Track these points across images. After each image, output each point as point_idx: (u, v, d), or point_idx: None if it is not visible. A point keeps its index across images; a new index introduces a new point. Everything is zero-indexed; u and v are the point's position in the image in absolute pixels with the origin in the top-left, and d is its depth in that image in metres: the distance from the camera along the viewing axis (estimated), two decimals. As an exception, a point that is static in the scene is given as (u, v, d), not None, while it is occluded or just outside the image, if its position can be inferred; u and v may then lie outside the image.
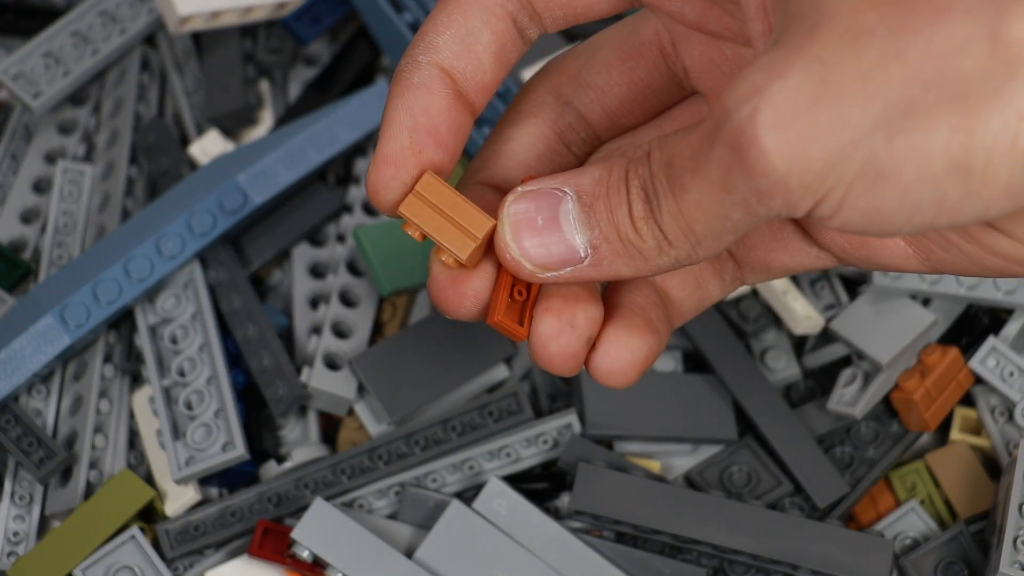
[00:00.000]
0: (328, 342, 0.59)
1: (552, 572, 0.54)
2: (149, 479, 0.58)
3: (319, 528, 0.54)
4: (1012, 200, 0.34)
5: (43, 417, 0.59)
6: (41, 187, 0.65)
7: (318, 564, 0.54)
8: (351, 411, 0.59)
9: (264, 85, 0.67)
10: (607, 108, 0.44)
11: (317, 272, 0.62)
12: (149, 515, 0.57)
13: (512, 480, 0.57)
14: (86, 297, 0.58)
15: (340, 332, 0.60)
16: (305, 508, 0.55)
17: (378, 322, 0.61)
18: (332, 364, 0.59)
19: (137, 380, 0.60)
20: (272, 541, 0.55)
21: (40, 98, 0.64)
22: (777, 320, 0.60)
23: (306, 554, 0.54)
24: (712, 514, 0.54)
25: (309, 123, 0.62)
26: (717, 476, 0.57)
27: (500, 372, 0.59)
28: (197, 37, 0.67)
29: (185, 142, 0.66)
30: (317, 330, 0.60)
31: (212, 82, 0.65)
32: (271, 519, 0.56)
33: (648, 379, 0.58)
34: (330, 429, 0.60)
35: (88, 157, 0.66)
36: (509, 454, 0.57)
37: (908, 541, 0.56)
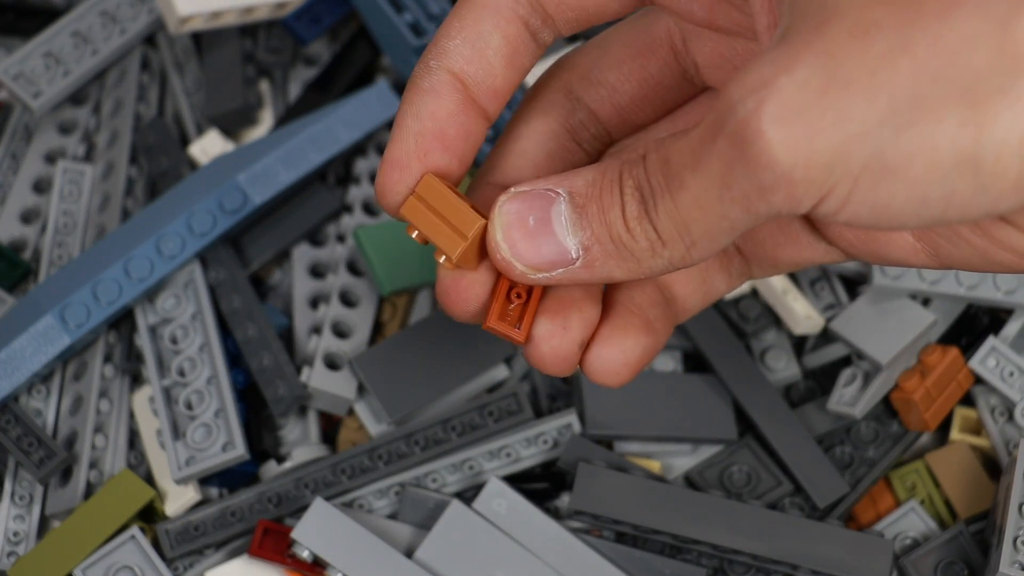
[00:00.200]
0: (328, 342, 0.59)
1: (552, 572, 0.54)
2: (149, 479, 0.58)
3: (319, 528, 0.54)
4: (1022, 194, 0.34)
5: (43, 417, 0.59)
6: (41, 187, 0.65)
7: (318, 564, 0.54)
8: (351, 411, 0.59)
9: (264, 85, 0.67)
10: (618, 105, 0.44)
11: (317, 272, 0.62)
12: (149, 515, 0.57)
13: (512, 480, 0.57)
14: (86, 297, 0.58)
15: (340, 332, 0.60)
16: (305, 508, 0.55)
17: (378, 322, 0.61)
18: (332, 364, 0.59)
19: (137, 380, 0.60)
20: (272, 541, 0.55)
21: (40, 98, 0.64)
22: (777, 320, 0.60)
23: (306, 554, 0.54)
24: (712, 514, 0.54)
25: (309, 123, 0.62)
26: (717, 476, 0.57)
27: (500, 372, 0.59)
28: (197, 37, 0.67)
29: (185, 142, 0.66)
30: (317, 330, 0.60)
31: (212, 82, 0.65)
32: (271, 519, 0.56)
33: (648, 379, 0.58)
34: (330, 429, 0.60)
35: (88, 157, 0.66)
36: (509, 454, 0.57)
37: (908, 541, 0.56)
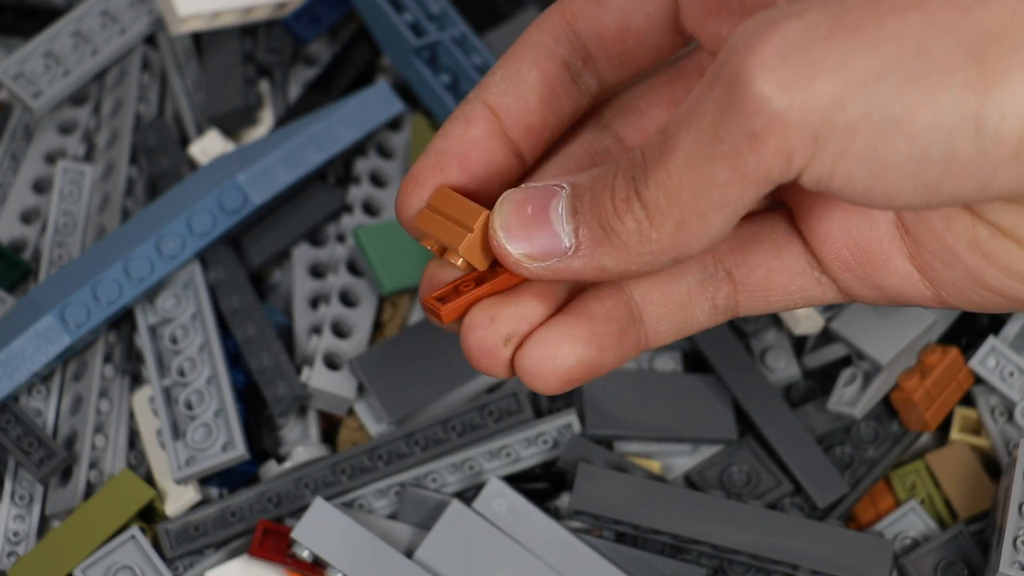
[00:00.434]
0: (328, 342, 0.59)
1: (552, 572, 0.54)
2: (149, 479, 0.58)
3: (319, 528, 0.54)
4: (1020, 166, 0.33)
5: (43, 417, 0.59)
6: (41, 187, 0.65)
7: (318, 564, 0.54)
8: (351, 411, 0.59)
9: (264, 85, 0.67)
10: (645, 129, 0.43)
11: (317, 272, 0.62)
12: (149, 515, 0.57)
13: (512, 480, 0.57)
14: (86, 297, 0.58)
15: (340, 332, 0.60)
16: (305, 508, 0.55)
17: (378, 322, 0.61)
18: (332, 364, 0.59)
19: (137, 380, 0.60)
20: (272, 541, 0.55)
21: (40, 98, 0.64)
22: (777, 320, 0.60)
23: (306, 554, 0.54)
24: (712, 514, 0.54)
25: (309, 123, 0.62)
26: (717, 476, 0.57)
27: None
28: (197, 37, 0.67)
29: (185, 142, 0.66)
30: (317, 330, 0.60)
31: (212, 82, 0.65)
32: (271, 519, 0.56)
33: (648, 379, 0.58)
34: (330, 429, 0.60)
35: (88, 157, 0.66)
36: (509, 454, 0.57)
37: (908, 541, 0.56)
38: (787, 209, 0.42)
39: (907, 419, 0.58)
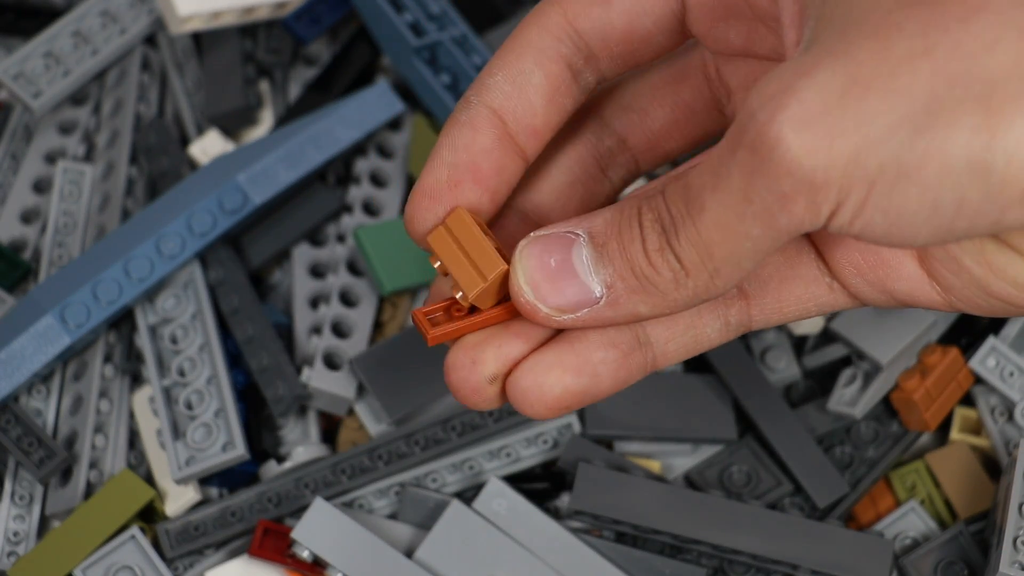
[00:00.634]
0: (328, 342, 0.59)
1: (552, 572, 0.54)
2: (149, 479, 0.58)
3: (319, 528, 0.54)
4: None
5: (43, 417, 0.59)
6: (41, 187, 0.65)
7: (318, 564, 0.54)
8: (351, 411, 0.59)
9: (264, 85, 0.67)
10: (648, 130, 0.43)
11: (317, 272, 0.62)
12: (149, 515, 0.57)
13: (512, 480, 0.57)
14: (86, 297, 0.58)
15: (340, 332, 0.60)
16: (305, 508, 0.55)
17: (378, 322, 0.61)
18: (332, 364, 0.59)
19: (137, 380, 0.60)
20: (272, 541, 0.55)
21: (40, 98, 0.64)
22: (777, 320, 0.60)
23: (306, 554, 0.54)
24: (712, 514, 0.54)
25: (309, 123, 0.62)
26: (717, 476, 0.57)
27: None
28: (197, 37, 0.67)
29: (185, 142, 0.66)
30: (317, 330, 0.60)
31: (212, 82, 0.65)
32: (271, 519, 0.56)
33: (648, 379, 0.58)
34: (330, 429, 0.60)
35: (88, 157, 0.66)
36: (509, 454, 0.57)
37: (908, 541, 0.56)
38: None
39: (907, 419, 0.58)
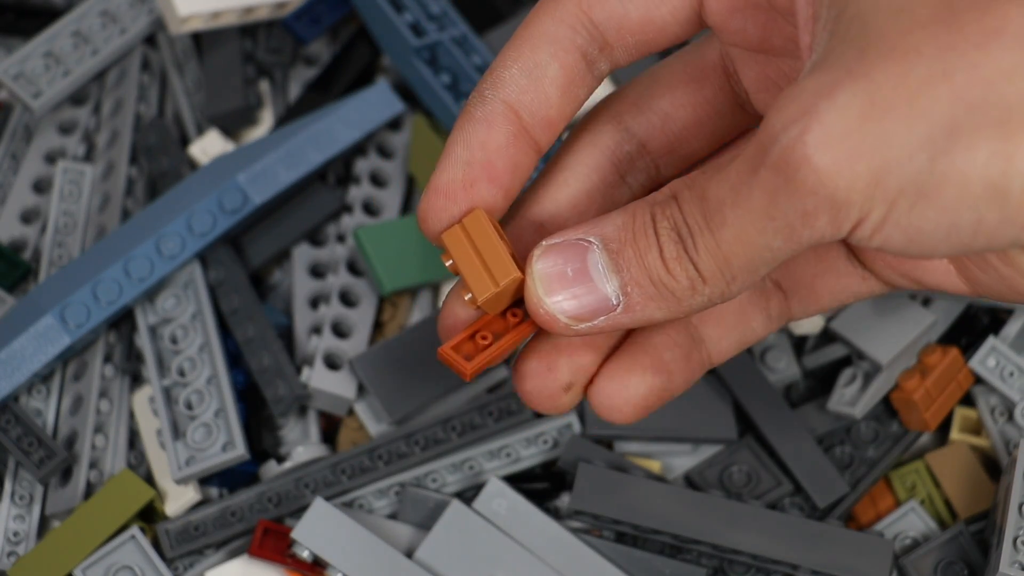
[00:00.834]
0: (328, 342, 0.59)
1: (552, 572, 0.54)
2: (149, 479, 0.58)
3: (319, 528, 0.54)
4: None
5: (43, 417, 0.59)
6: (41, 187, 0.65)
7: (318, 564, 0.54)
8: (351, 411, 0.59)
9: (264, 85, 0.67)
10: (669, 132, 0.43)
11: (317, 272, 0.62)
12: (149, 515, 0.57)
13: (512, 480, 0.57)
14: (86, 297, 0.58)
15: (340, 332, 0.60)
16: (305, 508, 0.55)
17: (378, 322, 0.61)
18: (332, 364, 0.59)
19: (137, 380, 0.60)
20: (272, 541, 0.55)
21: (40, 98, 0.64)
22: (777, 320, 0.60)
23: (306, 554, 0.54)
24: (712, 514, 0.54)
25: (309, 123, 0.62)
26: (717, 476, 0.57)
27: (500, 372, 0.59)
28: (197, 37, 0.67)
29: (185, 142, 0.66)
30: (317, 330, 0.60)
31: (212, 82, 0.65)
32: (271, 519, 0.56)
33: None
34: (330, 429, 0.60)
35: (88, 157, 0.66)
36: (509, 454, 0.57)
37: (908, 541, 0.56)
38: None
39: (907, 419, 0.58)
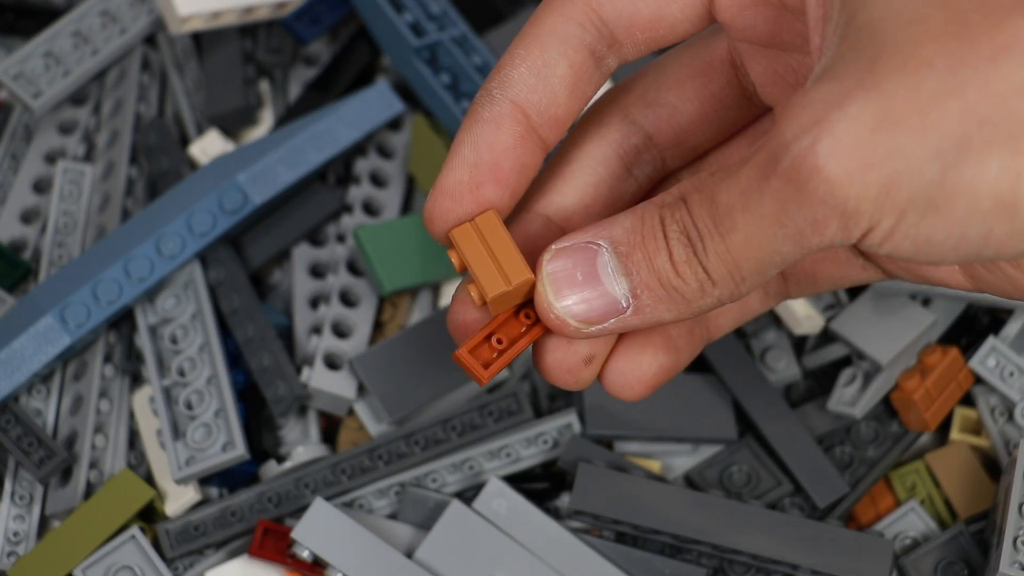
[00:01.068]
0: (328, 342, 0.59)
1: (552, 572, 0.54)
2: (149, 479, 0.58)
3: (319, 528, 0.54)
4: None
5: (43, 417, 0.59)
6: (41, 187, 0.65)
7: (318, 564, 0.54)
8: (351, 411, 0.59)
9: (264, 85, 0.67)
10: (676, 125, 0.44)
11: (317, 272, 0.62)
12: (149, 515, 0.57)
13: (512, 480, 0.57)
14: (86, 297, 0.58)
15: (340, 332, 0.60)
16: (305, 508, 0.55)
17: (378, 322, 0.61)
18: (332, 364, 0.59)
19: (137, 380, 0.60)
20: (272, 541, 0.55)
21: (40, 98, 0.64)
22: (777, 320, 0.60)
23: (306, 554, 0.54)
24: (712, 514, 0.54)
25: (309, 123, 0.62)
26: (717, 476, 0.57)
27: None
28: (197, 37, 0.67)
29: (185, 142, 0.66)
30: (317, 330, 0.60)
31: (212, 82, 0.65)
32: (271, 519, 0.56)
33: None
34: (330, 429, 0.60)
35: (88, 157, 0.66)
36: (509, 454, 0.57)
37: (908, 541, 0.56)
38: None
39: (907, 419, 0.58)
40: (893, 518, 0.56)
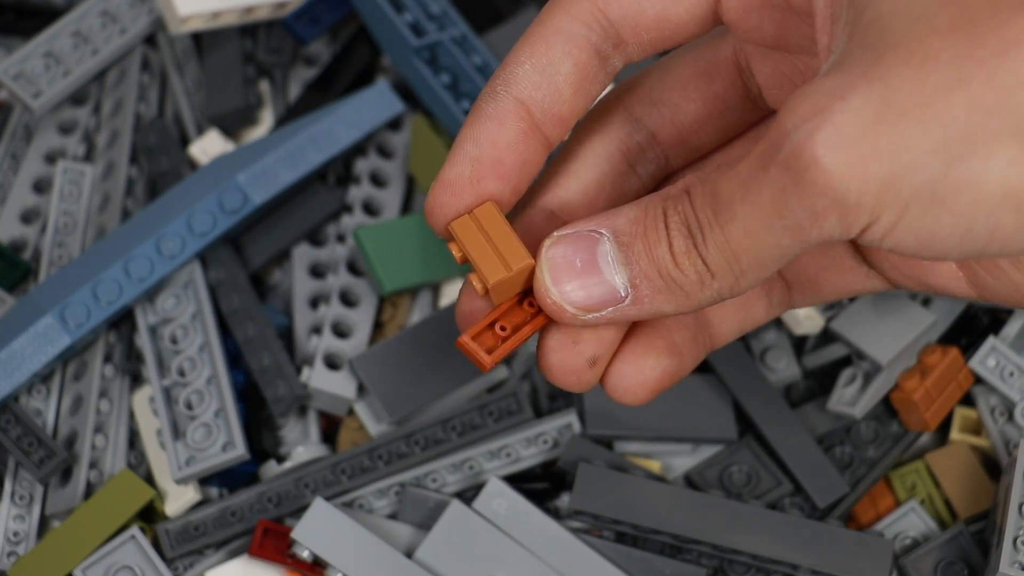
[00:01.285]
0: (328, 342, 0.59)
1: (552, 572, 0.54)
2: (149, 479, 0.58)
3: (319, 528, 0.54)
4: None
5: (43, 417, 0.59)
6: (41, 187, 0.65)
7: (318, 564, 0.54)
8: (351, 411, 0.59)
9: (264, 85, 0.67)
10: (679, 125, 0.43)
11: (317, 272, 0.62)
12: (149, 515, 0.57)
13: (512, 480, 0.57)
14: (86, 297, 0.58)
15: (340, 332, 0.60)
16: (305, 508, 0.55)
17: (378, 322, 0.61)
18: (332, 364, 0.59)
19: (137, 380, 0.60)
20: (272, 541, 0.55)
21: (40, 98, 0.64)
22: (777, 320, 0.60)
23: (306, 554, 0.54)
24: (712, 514, 0.54)
25: (309, 123, 0.62)
26: (717, 476, 0.57)
27: (500, 372, 0.59)
28: (197, 37, 0.67)
29: (185, 142, 0.66)
30: (317, 330, 0.60)
31: (212, 82, 0.65)
32: (271, 519, 0.56)
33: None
34: (330, 429, 0.60)
35: (88, 157, 0.66)
36: (509, 454, 0.57)
37: (908, 541, 0.56)
38: None
39: (907, 419, 0.58)
40: (893, 518, 0.56)
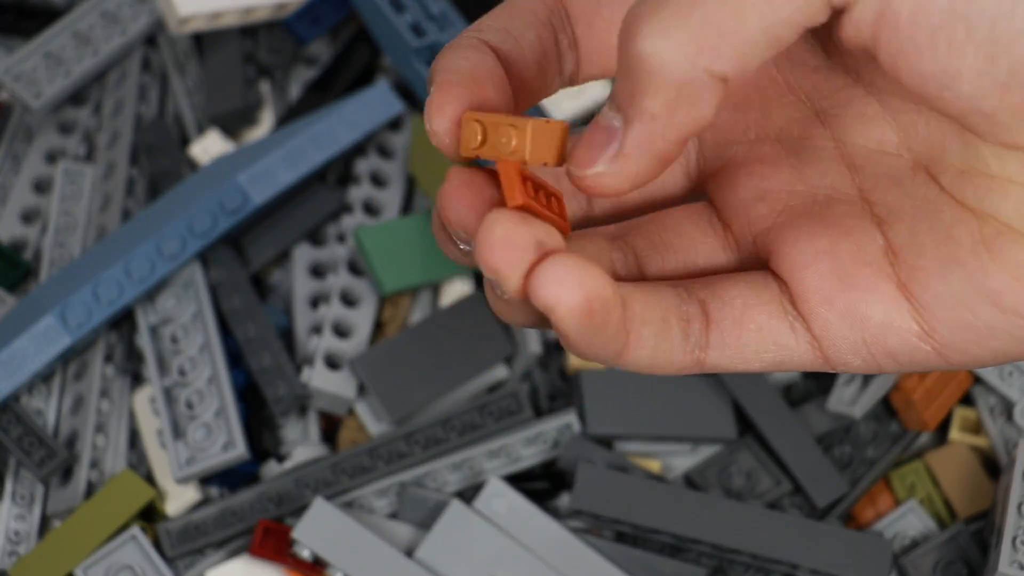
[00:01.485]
0: (328, 342, 0.59)
1: (552, 572, 0.54)
2: (150, 479, 0.58)
3: (319, 528, 0.54)
4: None
5: (44, 417, 0.59)
6: (42, 187, 0.65)
7: (318, 564, 0.54)
8: (351, 411, 0.59)
9: (264, 85, 0.67)
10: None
11: (317, 272, 0.62)
12: (150, 515, 0.57)
13: (512, 480, 0.57)
14: (87, 297, 0.58)
15: (340, 332, 0.60)
16: (305, 508, 0.55)
17: (378, 322, 0.61)
18: (332, 364, 0.59)
19: (138, 380, 0.60)
20: (272, 541, 0.55)
21: (41, 98, 0.64)
22: (777, 320, 0.60)
23: (306, 553, 0.54)
24: (712, 514, 0.54)
25: (309, 123, 0.62)
26: (717, 476, 0.57)
27: (500, 372, 0.59)
28: (198, 37, 0.67)
29: (185, 142, 0.66)
30: (317, 330, 0.60)
31: (212, 82, 0.65)
32: (271, 519, 0.56)
33: (648, 379, 0.58)
34: (330, 429, 0.60)
35: (89, 157, 0.66)
36: (509, 454, 0.57)
37: (907, 541, 0.56)
38: (767, 250, 0.40)
39: (906, 419, 0.58)
40: (892, 518, 0.56)
